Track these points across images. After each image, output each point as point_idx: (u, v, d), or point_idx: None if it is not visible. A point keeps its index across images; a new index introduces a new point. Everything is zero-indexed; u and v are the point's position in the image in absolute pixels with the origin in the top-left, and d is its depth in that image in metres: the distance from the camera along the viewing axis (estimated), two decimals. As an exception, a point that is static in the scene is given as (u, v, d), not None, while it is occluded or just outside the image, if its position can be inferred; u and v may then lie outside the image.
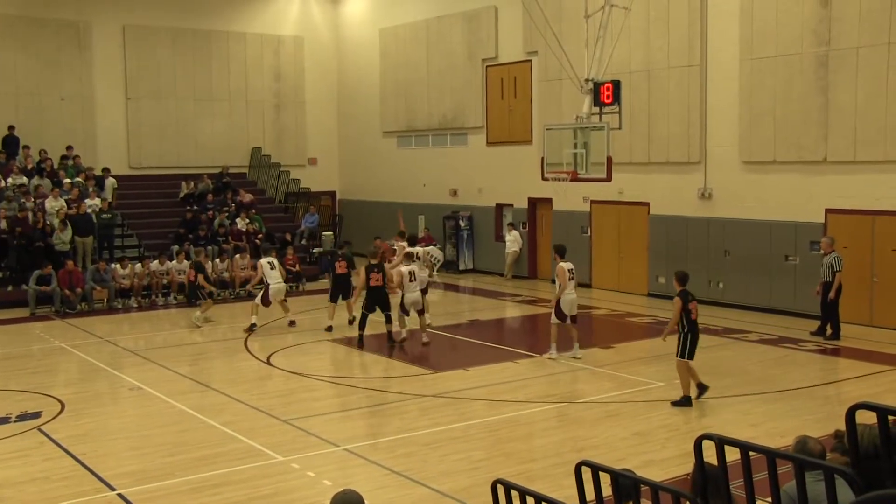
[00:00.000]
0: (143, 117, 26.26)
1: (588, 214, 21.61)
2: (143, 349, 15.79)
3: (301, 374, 13.56)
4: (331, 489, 8.86)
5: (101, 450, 10.02)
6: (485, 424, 10.86)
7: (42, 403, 11.95)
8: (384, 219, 27.50)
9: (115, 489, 8.75)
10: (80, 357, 15.14)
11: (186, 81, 26.83)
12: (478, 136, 24.73)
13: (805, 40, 16.97)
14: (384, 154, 28.03)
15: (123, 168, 25.61)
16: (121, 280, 20.29)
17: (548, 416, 11.13)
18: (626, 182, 19.96)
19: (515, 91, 23.37)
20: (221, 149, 27.10)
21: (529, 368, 13.90)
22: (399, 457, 9.59)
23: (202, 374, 13.78)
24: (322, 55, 29.32)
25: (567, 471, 6.90)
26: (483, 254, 24.95)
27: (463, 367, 14.02)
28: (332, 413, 11.57)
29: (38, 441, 10.35)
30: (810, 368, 13.82)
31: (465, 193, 25.28)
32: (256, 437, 10.40)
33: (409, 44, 26.64)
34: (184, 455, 9.78)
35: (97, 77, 25.58)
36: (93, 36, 25.44)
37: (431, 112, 25.97)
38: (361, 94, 28.69)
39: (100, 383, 13.47)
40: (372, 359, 14.66)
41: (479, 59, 24.33)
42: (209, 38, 27.15)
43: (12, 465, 9.53)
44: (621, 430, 10.48)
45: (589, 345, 15.44)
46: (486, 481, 6.77)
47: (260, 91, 28.15)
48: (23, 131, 24.02)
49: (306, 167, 28.94)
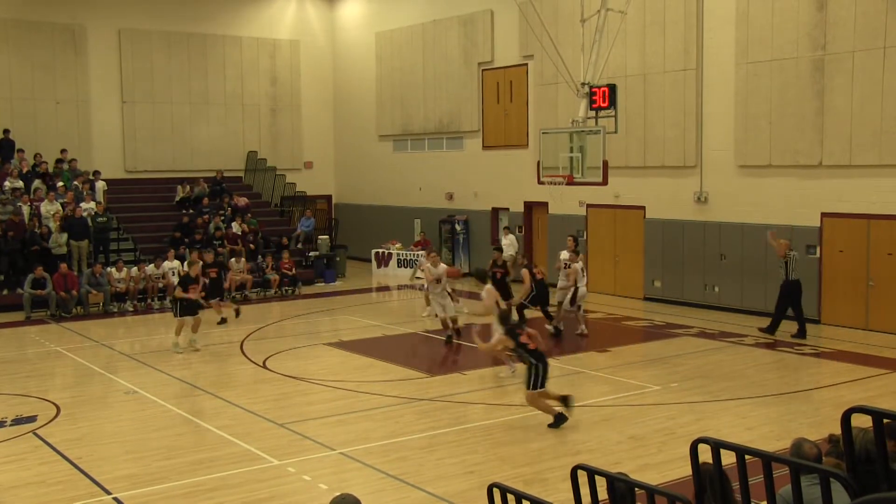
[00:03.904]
0: (139, 121, 26.25)
1: (584, 218, 21.63)
2: (139, 353, 15.77)
3: (297, 377, 13.55)
4: (327, 493, 8.85)
5: (97, 454, 9.99)
6: (480, 428, 10.85)
7: (37, 407, 11.92)
8: (380, 223, 27.55)
9: (111, 493, 8.74)
10: (76, 361, 15.10)
11: (182, 85, 26.82)
12: (474, 140, 24.76)
13: (801, 44, 17.01)
14: (380, 158, 28.04)
15: (119, 172, 25.61)
16: (116, 284, 20.26)
17: (543, 420, 11.11)
18: (622, 186, 20.00)
19: (511, 95, 23.40)
20: (217, 153, 27.11)
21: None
22: (395, 460, 9.59)
23: (198, 377, 13.76)
24: (318, 59, 29.34)
25: (563, 474, 6.90)
26: (479, 258, 24.91)
27: (458, 370, 14.01)
28: (328, 417, 11.55)
29: (34, 445, 10.32)
30: (806, 372, 13.85)
31: (460, 197, 25.30)
32: (252, 440, 10.38)
33: (405, 47, 26.68)
34: (179, 459, 9.76)
35: (92, 81, 25.57)
36: (88, 40, 25.43)
37: (427, 116, 25.99)
38: (357, 98, 28.71)
39: (95, 387, 13.44)
40: (366, 362, 14.65)
41: (475, 62, 24.36)
42: (205, 42, 27.16)
43: (7, 470, 9.50)
44: (617, 433, 10.48)
45: (585, 348, 15.49)
46: (482, 485, 6.78)
47: (256, 95, 28.16)
48: (18, 135, 23.99)
49: (302, 171, 28.95)
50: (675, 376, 13.23)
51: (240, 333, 17.07)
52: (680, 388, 12.55)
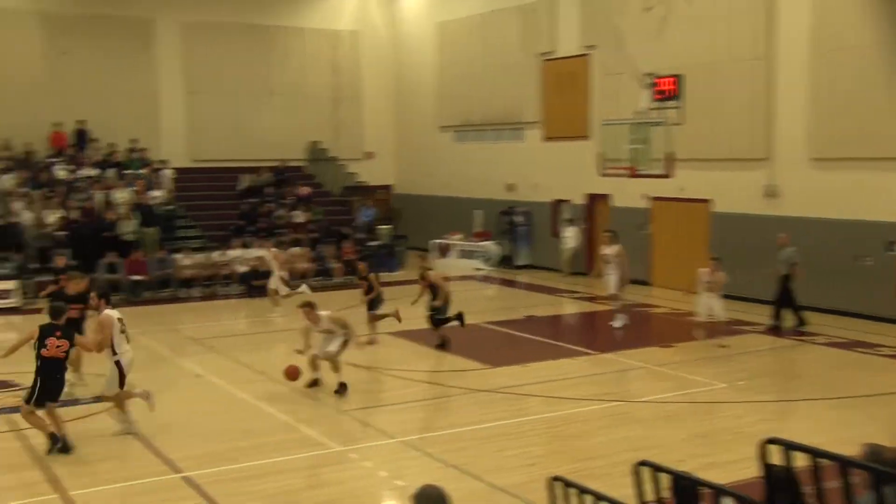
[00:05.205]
0: (204, 111, 26.70)
1: (647, 211, 21.35)
2: (206, 337, 16.09)
3: (359, 365, 13.67)
4: (386, 480, 8.95)
5: (168, 433, 10.25)
6: (541, 421, 10.83)
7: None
8: (439, 213, 27.60)
9: (181, 472, 8.98)
10: (146, 344, 15.47)
11: (245, 76, 27.20)
12: (534, 131, 24.62)
13: (881, 30, 16.35)
14: (440, 148, 28.08)
15: (185, 161, 26.09)
16: (183, 270, 20.69)
17: (604, 415, 11.04)
18: (687, 178, 19.64)
19: (573, 86, 23.19)
20: (279, 142, 27.40)
21: (586, 366, 13.81)
22: (454, 450, 9.61)
23: (263, 363, 13.97)
24: (379, 49, 29.47)
25: (624, 470, 6.84)
26: (540, 250, 24.84)
27: (519, 362, 13.98)
28: (389, 405, 11.66)
29: (108, 423, 10.60)
30: (887, 374, 13.21)
31: (521, 188, 25.19)
32: (314, 426, 10.54)
33: (465, 38, 26.62)
34: (245, 441, 9.95)
35: (160, 73, 26.12)
36: (157, 33, 26.00)
37: (488, 106, 25.92)
38: (418, 89, 28.78)
39: (165, 369, 13.78)
40: (427, 352, 14.71)
41: (536, 52, 24.20)
42: (268, 34, 27.50)
43: (82, 445, 9.77)
44: (681, 431, 10.34)
45: (647, 343, 15.28)
46: (542, 477, 6.75)
47: (317, 85, 28.41)
48: (92, 126, 24.64)
49: (363, 161, 29.13)
50: (742, 374, 12.94)
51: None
52: (747, 386, 12.27)
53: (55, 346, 9.54)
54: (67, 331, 9.80)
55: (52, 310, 9.95)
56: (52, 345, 9.52)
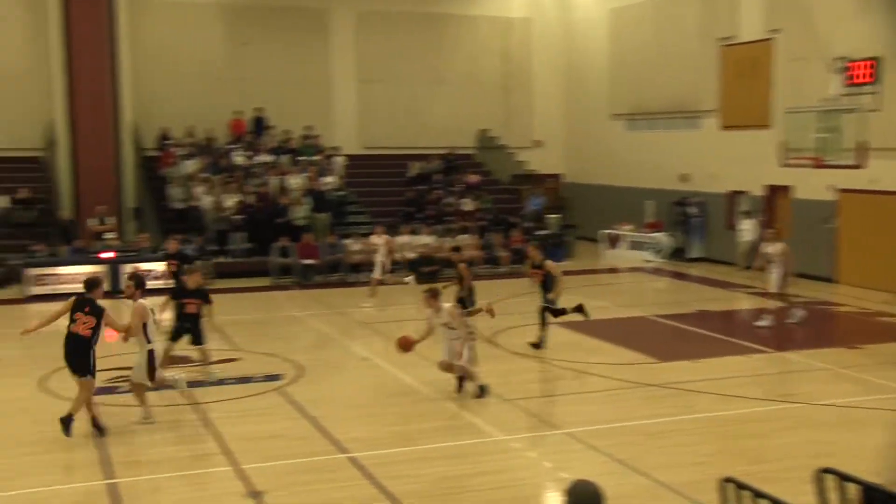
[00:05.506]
0: (375, 99, 27.35)
1: (832, 204, 20.00)
2: (373, 321, 16.49)
3: (524, 354, 13.59)
4: (550, 471, 8.82)
5: (335, 414, 10.55)
6: (712, 419, 10.36)
7: (283, 367, 12.77)
8: (609, 203, 27.05)
9: (346, 452, 9.19)
10: (315, 326, 16.07)
11: (417, 64, 27.64)
12: (711, 120, 23.63)
13: None
14: (612, 137, 27.49)
15: (356, 148, 26.83)
16: (353, 255, 21.33)
17: (781, 416, 10.43)
18: (883, 169, 18.21)
19: (754, 72, 22.05)
20: (449, 130, 27.68)
21: (761, 364, 13.13)
22: (620, 444, 9.35)
23: (428, 349, 14.14)
24: (550, 36, 29.19)
25: (802, 476, 6.42)
26: (714, 242, 23.87)
27: (689, 357, 13.46)
28: (553, 396, 11.52)
29: (279, 401, 11.07)
30: None
31: (696, 179, 24.27)
32: (477, 414, 10.54)
33: (639, 23, 25.89)
34: (409, 426, 10.10)
35: (334, 61, 26.99)
36: (331, 22, 26.87)
37: (662, 94, 25.12)
38: (589, 76, 28.29)
39: (333, 351, 14.23)
40: (594, 344, 14.41)
41: (714, 38, 23.19)
42: (440, 22, 27.82)
43: (257, 422, 10.27)
44: (868, 438, 9.56)
45: (830, 343, 14.35)
46: (712, 478, 6.42)
47: (488, 73, 28.49)
48: (269, 113, 25.74)
49: (532, 149, 28.98)
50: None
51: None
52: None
53: (81, 322, 9.34)
54: (96, 307, 9.48)
55: (86, 282, 9.77)
56: (80, 320, 9.33)
